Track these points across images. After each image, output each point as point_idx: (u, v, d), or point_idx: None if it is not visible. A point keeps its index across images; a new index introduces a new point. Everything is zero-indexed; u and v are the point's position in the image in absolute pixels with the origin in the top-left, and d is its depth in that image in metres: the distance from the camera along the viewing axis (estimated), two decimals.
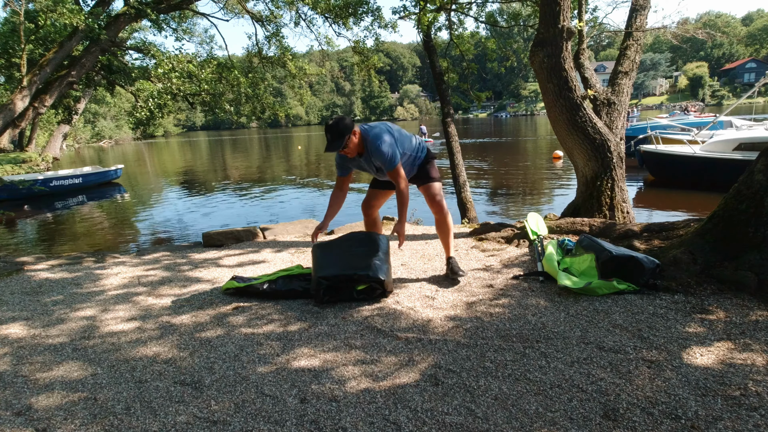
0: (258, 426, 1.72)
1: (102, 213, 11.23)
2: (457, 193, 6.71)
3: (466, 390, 1.86)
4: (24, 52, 12.86)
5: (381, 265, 2.82)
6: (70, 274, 3.92)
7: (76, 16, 9.08)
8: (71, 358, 2.34)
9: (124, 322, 2.79)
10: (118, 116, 51.13)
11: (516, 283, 3.02)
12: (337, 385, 1.96)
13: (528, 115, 66.77)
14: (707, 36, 6.85)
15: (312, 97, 69.50)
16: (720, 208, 2.75)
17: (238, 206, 11.06)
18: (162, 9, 10.83)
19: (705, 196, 9.23)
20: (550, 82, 4.27)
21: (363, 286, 2.80)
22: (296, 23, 11.08)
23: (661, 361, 1.97)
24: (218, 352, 2.32)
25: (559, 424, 1.63)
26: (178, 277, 3.68)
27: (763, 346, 2.01)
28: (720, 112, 16.07)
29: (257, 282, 3.12)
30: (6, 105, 10.63)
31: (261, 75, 12.01)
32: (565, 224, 4.06)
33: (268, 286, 3.05)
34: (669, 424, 1.58)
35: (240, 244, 4.76)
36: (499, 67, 8.59)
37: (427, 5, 6.73)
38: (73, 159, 28.28)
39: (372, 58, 10.10)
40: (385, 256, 2.94)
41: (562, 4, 4.05)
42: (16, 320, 2.89)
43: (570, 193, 8.97)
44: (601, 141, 4.32)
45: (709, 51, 71.48)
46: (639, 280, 2.67)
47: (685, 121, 16.84)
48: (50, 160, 17.34)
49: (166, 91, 10.81)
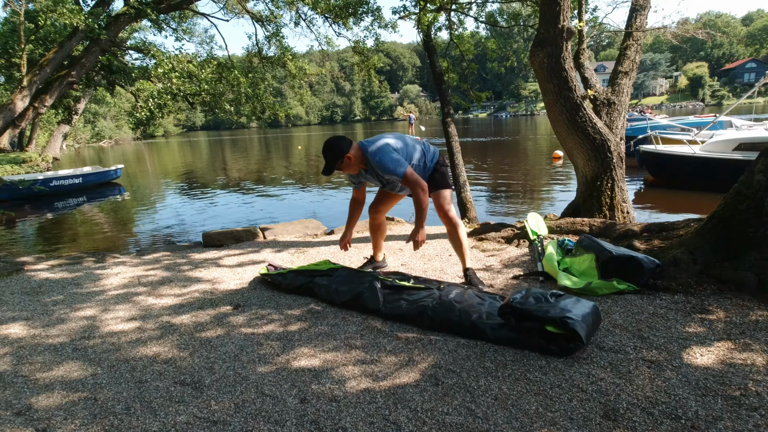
0: (258, 426, 1.72)
1: (102, 213, 11.23)
2: (457, 193, 6.71)
3: (466, 390, 1.86)
4: (24, 52, 12.87)
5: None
6: (70, 274, 3.92)
7: (76, 16, 9.09)
8: (71, 358, 2.34)
9: (124, 322, 2.79)
10: (118, 116, 51.14)
11: (516, 283, 3.02)
12: (337, 385, 1.96)
13: (528, 115, 66.75)
14: (707, 36, 6.85)
15: (312, 97, 69.65)
16: (720, 208, 2.75)
17: (238, 206, 11.06)
18: (162, 9, 10.85)
19: (705, 196, 9.23)
20: (550, 82, 4.27)
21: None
22: (296, 23, 11.10)
23: (661, 361, 1.97)
24: (218, 352, 2.32)
25: (559, 424, 1.63)
26: (178, 277, 3.68)
27: (763, 346, 2.01)
28: (720, 112, 16.06)
29: (287, 274, 3.21)
30: (6, 105, 10.64)
31: (261, 75, 12.02)
32: (565, 224, 4.06)
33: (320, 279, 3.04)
34: (669, 424, 1.58)
35: (240, 244, 4.76)
36: (499, 67, 8.57)
37: (427, 5, 6.73)
38: (73, 159, 28.28)
39: (372, 58, 10.10)
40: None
41: (562, 4, 4.05)
42: (16, 320, 2.89)
43: (570, 193, 8.96)
44: (601, 141, 4.32)
45: (709, 51, 71.48)
46: (639, 280, 2.67)
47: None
48: (50, 160, 17.34)
49: (166, 91, 10.82)
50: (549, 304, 2.17)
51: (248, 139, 45.79)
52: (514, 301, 2.25)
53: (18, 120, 11.25)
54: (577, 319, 2.05)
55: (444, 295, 2.61)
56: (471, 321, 2.37)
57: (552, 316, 2.09)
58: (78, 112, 17.48)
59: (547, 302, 2.20)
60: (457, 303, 2.51)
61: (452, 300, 2.55)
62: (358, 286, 2.85)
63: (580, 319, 2.06)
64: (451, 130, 6.76)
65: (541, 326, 2.12)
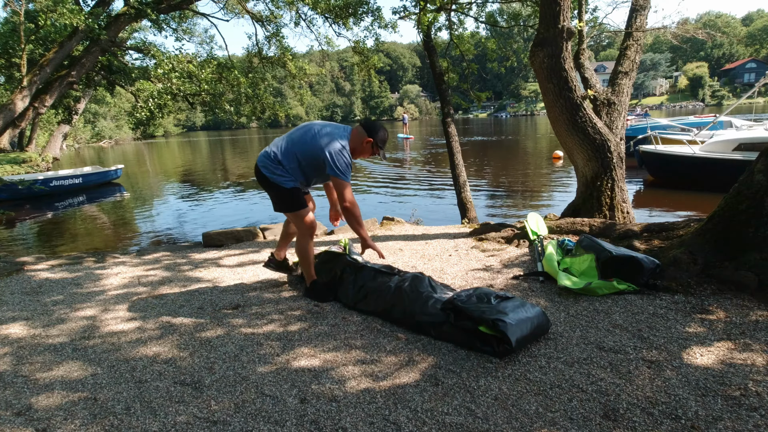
0: (258, 426, 1.72)
1: (102, 213, 11.23)
2: (457, 193, 6.71)
3: (466, 390, 1.86)
4: (24, 52, 12.86)
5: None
6: (70, 274, 3.92)
7: (76, 16, 9.08)
8: (71, 358, 2.34)
9: (124, 322, 2.79)
10: (118, 116, 51.07)
11: (516, 283, 3.01)
12: (337, 385, 1.96)
13: (528, 115, 66.72)
14: (707, 36, 6.84)
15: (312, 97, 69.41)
16: (720, 208, 2.75)
17: (238, 206, 11.06)
18: (162, 9, 10.84)
19: (705, 196, 9.23)
20: (550, 82, 4.27)
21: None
22: (296, 23, 11.08)
23: (661, 361, 1.97)
24: (218, 352, 2.32)
25: (559, 424, 1.63)
26: (178, 277, 3.68)
27: (763, 346, 2.01)
28: (720, 113, 16.05)
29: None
30: (6, 105, 10.63)
31: (261, 75, 12.01)
32: (565, 224, 4.06)
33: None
34: (669, 424, 1.58)
35: (240, 244, 4.76)
36: (499, 67, 8.58)
37: (427, 5, 6.72)
38: (73, 159, 28.27)
39: (372, 58, 10.09)
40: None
41: (562, 4, 4.05)
42: (16, 320, 2.89)
43: (570, 193, 8.96)
44: (601, 141, 4.32)
45: (709, 51, 71.44)
46: (639, 280, 2.67)
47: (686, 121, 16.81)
48: (50, 160, 17.34)
49: (166, 91, 10.81)
50: (488, 306, 2.19)
51: (248, 139, 45.78)
52: (457, 298, 2.28)
53: (18, 120, 11.24)
54: (509, 322, 2.06)
55: (400, 284, 2.64)
56: (414, 316, 2.42)
57: (486, 317, 2.11)
58: (78, 112, 17.48)
59: (487, 303, 2.21)
60: (409, 294, 2.55)
61: (405, 289, 2.57)
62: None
63: (514, 323, 2.07)
64: (451, 130, 6.76)
65: (476, 326, 2.14)
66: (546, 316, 2.25)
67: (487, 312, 2.13)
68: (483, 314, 2.12)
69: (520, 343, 2.07)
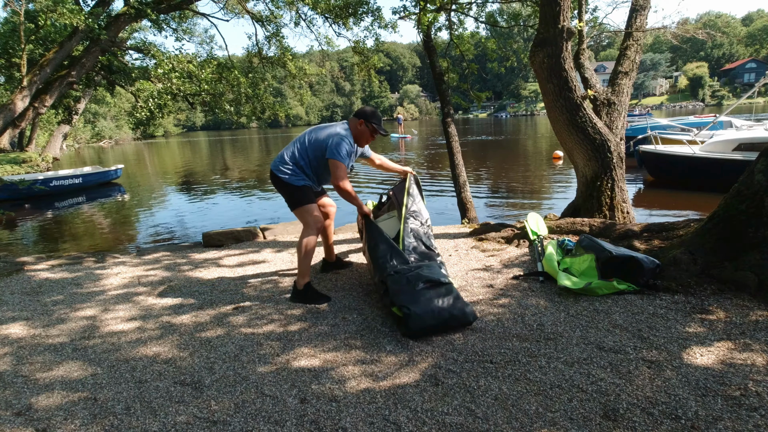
0: (258, 426, 1.72)
1: (102, 213, 11.23)
2: (457, 193, 6.70)
3: (466, 390, 1.86)
4: (24, 52, 12.85)
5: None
6: (70, 274, 3.92)
7: (76, 16, 9.08)
8: (71, 358, 2.34)
9: (124, 322, 2.79)
10: (118, 116, 51.08)
11: (516, 283, 3.01)
12: (337, 385, 1.96)
13: (528, 115, 66.71)
14: (707, 36, 6.83)
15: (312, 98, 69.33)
16: (720, 208, 2.75)
17: (238, 206, 11.05)
18: (162, 9, 10.85)
19: (705, 196, 9.22)
20: (550, 82, 4.27)
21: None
22: (296, 23, 11.08)
23: (661, 361, 1.97)
24: (218, 352, 2.32)
25: (559, 424, 1.63)
26: (178, 277, 3.68)
27: (763, 346, 2.01)
28: (720, 113, 16.05)
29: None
30: (6, 105, 10.64)
31: (261, 75, 12.02)
32: (565, 224, 4.06)
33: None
34: (669, 424, 1.58)
35: (240, 244, 4.76)
36: (499, 67, 8.55)
37: (427, 5, 6.72)
38: (73, 159, 28.27)
39: (372, 58, 10.09)
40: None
41: (562, 4, 4.05)
42: (16, 320, 2.89)
43: (570, 193, 8.97)
44: (601, 141, 4.32)
45: (709, 51, 71.46)
46: (639, 280, 2.67)
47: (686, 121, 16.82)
48: (50, 160, 17.34)
49: (166, 91, 10.82)
50: (411, 290, 2.37)
51: (248, 139, 45.77)
52: (391, 275, 2.49)
53: (18, 120, 11.25)
54: (414, 312, 2.24)
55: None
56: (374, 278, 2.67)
57: (397, 301, 2.32)
58: (78, 112, 17.49)
59: (412, 287, 2.38)
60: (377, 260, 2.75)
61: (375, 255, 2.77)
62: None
63: (419, 313, 2.24)
64: (451, 130, 6.75)
65: (392, 305, 2.36)
66: (466, 310, 2.35)
67: (404, 297, 2.34)
68: (397, 297, 2.34)
69: (424, 332, 2.27)
